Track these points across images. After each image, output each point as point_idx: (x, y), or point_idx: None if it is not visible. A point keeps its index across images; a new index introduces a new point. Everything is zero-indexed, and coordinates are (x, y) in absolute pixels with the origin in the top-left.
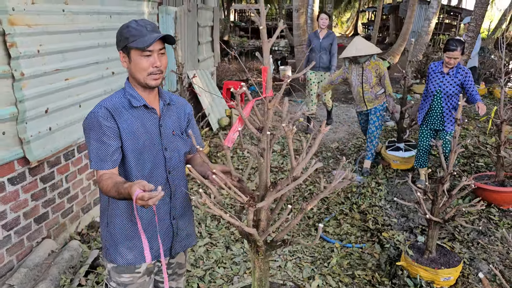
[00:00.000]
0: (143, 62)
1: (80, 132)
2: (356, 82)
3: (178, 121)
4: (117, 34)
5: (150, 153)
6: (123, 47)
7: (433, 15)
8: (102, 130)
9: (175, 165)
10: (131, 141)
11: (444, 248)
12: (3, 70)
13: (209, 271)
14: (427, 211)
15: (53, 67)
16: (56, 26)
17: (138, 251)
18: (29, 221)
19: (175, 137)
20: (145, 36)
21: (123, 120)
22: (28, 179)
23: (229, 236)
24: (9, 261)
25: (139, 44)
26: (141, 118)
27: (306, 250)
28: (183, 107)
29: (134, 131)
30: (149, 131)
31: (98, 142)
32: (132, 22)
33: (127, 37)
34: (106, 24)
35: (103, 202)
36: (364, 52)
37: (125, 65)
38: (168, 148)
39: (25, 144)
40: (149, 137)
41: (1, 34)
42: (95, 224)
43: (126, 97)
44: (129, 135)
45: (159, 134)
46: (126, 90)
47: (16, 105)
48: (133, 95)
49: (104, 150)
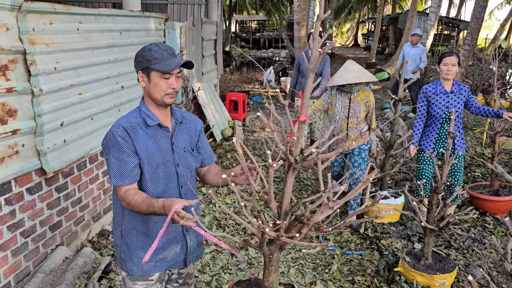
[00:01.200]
0: (163, 84)
1: (91, 144)
2: (340, 116)
3: (189, 138)
4: (137, 55)
5: (164, 169)
6: (144, 68)
7: (431, 28)
8: (121, 148)
9: (186, 180)
10: (146, 158)
11: (439, 255)
12: (24, 87)
13: (216, 276)
14: (423, 219)
15: (68, 83)
16: (71, 44)
17: (154, 261)
18: (44, 229)
19: (186, 154)
20: (167, 60)
21: (139, 138)
22: (45, 189)
23: (234, 243)
24: (26, 267)
25: (162, 67)
26: (155, 136)
27: (308, 257)
28: (194, 124)
29: (149, 149)
30: (163, 148)
31: (118, 159)
32: (153, 45)
33: (149, 59)
34: (116, 40)
35: (117, 214)
36: (365, 79)
37: (143, 84)
38: (180, 164)
39: (42, 156)
40: (163, 154)
41: (22, 53)
42: (105, 232)
43: (141, 116)
44: (144, 152)
45: (171, 151)
46: (141, 109)
47: (34, 119)
48: (148, 114)
49: (124, 167)
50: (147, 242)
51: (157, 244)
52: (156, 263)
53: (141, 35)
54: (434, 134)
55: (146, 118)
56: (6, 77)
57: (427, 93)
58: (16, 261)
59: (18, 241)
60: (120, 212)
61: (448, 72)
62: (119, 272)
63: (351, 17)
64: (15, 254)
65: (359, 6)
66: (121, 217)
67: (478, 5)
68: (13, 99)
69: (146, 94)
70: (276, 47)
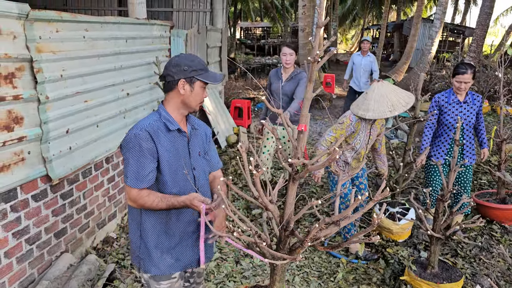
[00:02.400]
0: (202, 94)
1: (96, 151)
2: (362, 144)
3: (202, 143)
4: (179, 63)
5: (182, 172)
6: (188, 77)
7: (436, 34)
8: (143, 152)
9: (202, 183)
10: (167, 161)
11: (446, 264)
12: (30, 94)
13: (220, 284)
14: (429, 227)
15: (74, 90)
16: (77, 51)
17: (172, 261)
18: (49, 236)
19: (200, 158)
20: (209, 72)
21: (161, 142)
22: (50, 195)
23: (238, 251)
24: (31, 274)
25: (211, 79)
26: (174, 140)
27: (313, 265)
28: (204, 130)
29: (170, 152)
30: (181, 152)
31: (137, 162)
32: (193, 56)
33: (196, 69)
34: (122, 48)
35: (135, 216)
36: (401, 109)
37: (183, 92)
38: (196, 168)
39: (48, 162)
40: (182, 158)
41: (29, 61)
42: (109, 239)
43: (161, 121)
44: (166, 156)
45: (188, 155)
46: (162, 114)
47: (40, 126)
48: (169, 119)
49: (142, 171)
50: (167, 241)
51: (175, 244)
52: (175, 263)
53: (146, 42)
54: (446, 144)
55: (167, 122)
56: (13, 85)
57: (439, 102)
58: (21, 268)
59: (23, 248)
60: (138, 212)
61: (461, 88)
62: (140, 274)
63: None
64: (20, 261)
65: (363, 13)
66: (139, 217)
67: (484, 12)
68: (20, 106)
69: (179, 101)
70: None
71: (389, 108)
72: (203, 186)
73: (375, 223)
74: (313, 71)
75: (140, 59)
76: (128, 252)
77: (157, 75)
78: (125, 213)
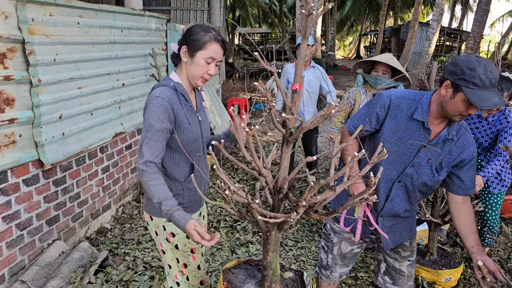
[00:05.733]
0: (205, 66)
1: (91, 139)
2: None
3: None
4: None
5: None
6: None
7: (433, 36)
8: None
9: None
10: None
11: (445, 251)
12: (22, 76)
13: (215, 272)
14: (428, 213)
15: (68, 76)
16: (71, 37)
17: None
18: (41, 223)
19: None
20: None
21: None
22: (42, 181)
23: (234, 241)
24: (21, 261)
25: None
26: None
27: (309, 254)
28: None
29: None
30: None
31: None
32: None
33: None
34: (117, 37)
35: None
36: (396, 65)
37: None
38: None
39: (40, 147)
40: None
41: (21, 42)
42: (103, 230)
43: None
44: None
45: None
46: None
47: (32, 109)
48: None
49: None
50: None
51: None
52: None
53: (142, 34)
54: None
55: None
56: (4, 65)
57: None
58: (11, 253)
59: (13, 233)
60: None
61: (491, 112)
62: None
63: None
64: (10, 246)
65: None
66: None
67: (481, 8)
68: (11, 87)
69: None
70: (279, 59)
71: (385, 58)
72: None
73: (372, 184)
74: (307, 27)
75: (136, 50)
76: (122, 241)
77: (154, 67)
78: (120, 205)
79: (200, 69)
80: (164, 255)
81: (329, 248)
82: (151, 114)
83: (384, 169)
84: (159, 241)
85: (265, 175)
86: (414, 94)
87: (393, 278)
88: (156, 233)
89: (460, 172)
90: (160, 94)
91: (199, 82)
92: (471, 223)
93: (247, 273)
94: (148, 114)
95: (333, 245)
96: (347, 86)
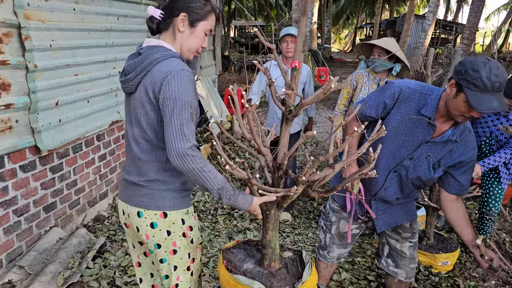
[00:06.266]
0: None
1: (87, 126)
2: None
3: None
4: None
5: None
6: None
7: (429, 27)
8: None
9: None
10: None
11: (441, 236)
12: (18, 61)
13: (213, 258)
14: (425, 197)
15: (64, 62)
16: (67, 23)
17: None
18: (38, 209)
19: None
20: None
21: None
22: (39, 168)
23: (232, 228)
24: (19, 247)
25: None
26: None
27: (307, 240)
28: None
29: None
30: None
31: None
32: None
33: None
34: (114, 25)
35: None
36: (396, 50)
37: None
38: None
39: (36, 133)
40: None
41: (17, 27)
42: (101, 217)
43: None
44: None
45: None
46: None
47: (29, 95)
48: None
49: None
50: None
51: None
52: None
53: (139, 22)
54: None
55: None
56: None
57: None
58: (9, 239)
59: (10, 219)
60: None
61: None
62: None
63: (349, 23)
64: (8, 232)
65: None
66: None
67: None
68: (7, 72)
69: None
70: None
71: (385, 43)
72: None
73: (372, 159)
74: (307, 2)
75: (132, 39)
76: (119, 228)
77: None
78: (117, 193)
79: (198, 42)
80: (172, 256)
81: (328, 227)
82: (184, 90)
83: (384, 158)
84: (172, 240)
85: (265, 153)
86: (426, 89)
87: (395, 261)
88: (168, 233)
89: (457, 173)
90: (183, 66)
91: (191, 56)
92: (465, 218)
93: (246, 252)
94: (180, 90)
95: (332, 224)
96: (342, 78)
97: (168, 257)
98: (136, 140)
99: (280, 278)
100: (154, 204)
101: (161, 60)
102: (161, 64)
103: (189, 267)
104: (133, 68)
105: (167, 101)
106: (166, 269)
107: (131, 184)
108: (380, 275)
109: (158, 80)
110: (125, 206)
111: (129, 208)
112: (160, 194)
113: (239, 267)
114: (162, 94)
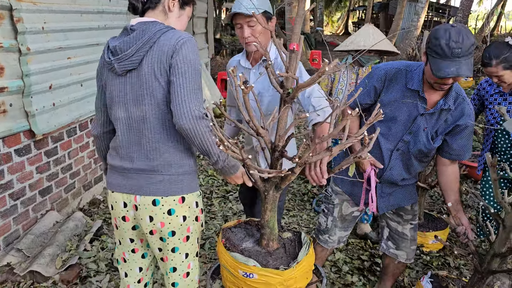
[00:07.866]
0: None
1: (81, 110)
2: (344, 94)
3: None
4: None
5: None
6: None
7: (422, 10)
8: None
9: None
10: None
11: (432, 216)
12: (11, 44)
13: (209, 239)
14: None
15: (56, 45)
16: (59, 5)
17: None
18: (34, 193)
19: None
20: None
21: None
22: (33, 151)
23: (227, 210)
24: (16, 230)
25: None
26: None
27: (301, 222)
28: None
29: None
30: None
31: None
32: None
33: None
34: (105, 7)
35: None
36: (385, 46)
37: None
38: None
39: (31, 117)
40: None
41: (8, 9)
42: (96, 201)
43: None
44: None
45: None
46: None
47: (22, 78)
48: None
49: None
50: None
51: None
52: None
53: None
54: (486, 149)
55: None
56: None
57: (481, 91)
58: (5, 223)
59: (7, 203)
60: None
61: (499, 83)
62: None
63: (341, 5)
64: (4, 216)
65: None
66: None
67: None
68: (0, 55)
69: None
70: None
71: (372, 38)
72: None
73: (367, 144)
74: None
75: (124, 21)
76: None
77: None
78: None
79: (183, 26)
80: (185, 243)
81: (329, 210)
82: (197, 57)
83: (384, 139)
84: (186, 226)
85: (263, 135)
86: (410, 66)
87: (396, 243)
88: (184, 218)
89: (452, 138)
90: (191, 35)
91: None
92: (454, 183)
93: (246, 232)
94: (194, 55)
95: (334, 207)
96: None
97: (180, 245)
98: (145, 120)
99: (276, 257)
100: (173, 190)
101: (165, 31)
102: (166, 34)
103: (197, 252)
104: (130, 45)
105: (181, 63)
106: (176, 259)
107: (137, 172)
108: (373, 255)
109: (170, 48)
110: (130, 198)
111: (138, 199)
112: (178, 178)
113: (237, 246)
114: (175, 58)
